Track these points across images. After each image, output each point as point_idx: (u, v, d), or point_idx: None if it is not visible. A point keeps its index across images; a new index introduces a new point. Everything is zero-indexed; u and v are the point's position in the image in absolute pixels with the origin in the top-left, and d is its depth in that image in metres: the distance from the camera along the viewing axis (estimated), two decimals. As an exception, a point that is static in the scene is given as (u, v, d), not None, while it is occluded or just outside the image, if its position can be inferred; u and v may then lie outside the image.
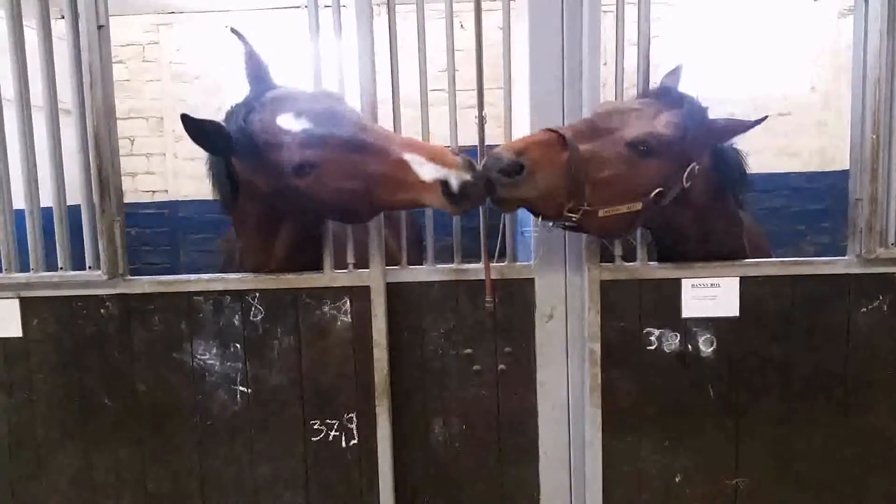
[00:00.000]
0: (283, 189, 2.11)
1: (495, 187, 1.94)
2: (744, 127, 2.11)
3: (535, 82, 2.32)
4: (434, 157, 1.96)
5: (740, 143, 2.15)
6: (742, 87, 6.72)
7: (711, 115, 2.16)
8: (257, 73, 2.27)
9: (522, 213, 2.29)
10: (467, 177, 1.93)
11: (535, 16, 2.29)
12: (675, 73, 2.37)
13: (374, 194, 2.05)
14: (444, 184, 1.94)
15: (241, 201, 2.31)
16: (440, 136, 2.38)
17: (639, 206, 2.04)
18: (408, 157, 1.97)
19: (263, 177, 2.15)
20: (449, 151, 2.00)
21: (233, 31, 2.29)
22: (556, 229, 2.21)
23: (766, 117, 2.12)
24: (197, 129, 2.06)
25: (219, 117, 2.20)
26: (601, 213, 2.02)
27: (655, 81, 2.34)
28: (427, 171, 1.95)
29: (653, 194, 2.04)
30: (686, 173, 2.07)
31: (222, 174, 2.28)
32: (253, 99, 2.19)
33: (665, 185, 2.05)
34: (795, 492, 2.40)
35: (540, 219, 2.16)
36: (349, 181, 2.03)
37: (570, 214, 2.00)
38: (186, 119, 2.03)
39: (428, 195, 1.98)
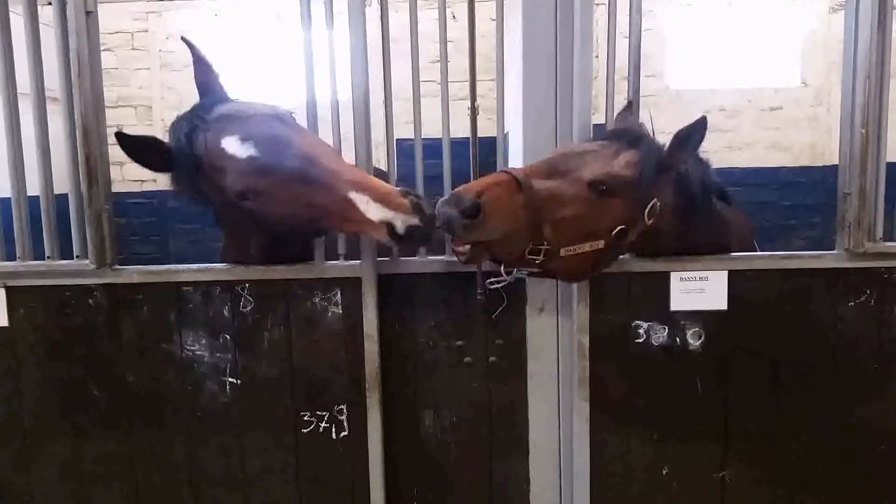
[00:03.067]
0: (227, 205, 2.13)
1: (454, 229, 1.93)
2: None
3: (528, 74, 2.31)
4: (381, 199, 1.95)
5: (727, 137, 2.14)
6: (733, 81, 6.74)
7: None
8: (206, 81, 2.24)
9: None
10: (414, 220, 1.94)
11: (528, 7, 2.28)
12: (627, 109, 2.34)
13: (320, 222, 2.08)
14: (390, 225, 1.95)
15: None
16: (432, 128, 2.38)
17: (601, 244, 2.05)
18: (354, 196, 1.97)
19: (208, 191, 2.15)
20: (397, 193, 1.97)
21: (183, 39, 2.26)
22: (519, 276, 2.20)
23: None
24: (133, 145, 2.03)
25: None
26: (563, 253, 2.02)
27: (647, 74, 2.33)
28: (373, 212, 1.96)
29: (614, 232, 2.05)
30: (647, 210, 2.07)
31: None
32: (200, 112, 2.14)
33: (627, 223, 2.06)
34: (782, 485, 2.42)
35: (503, 267, 2.14)
36: (294, 208, 2.04)
37: (531, 257, 2.00)
38: (121, 136, 2.00)
39: (373, 232, 2.00)
